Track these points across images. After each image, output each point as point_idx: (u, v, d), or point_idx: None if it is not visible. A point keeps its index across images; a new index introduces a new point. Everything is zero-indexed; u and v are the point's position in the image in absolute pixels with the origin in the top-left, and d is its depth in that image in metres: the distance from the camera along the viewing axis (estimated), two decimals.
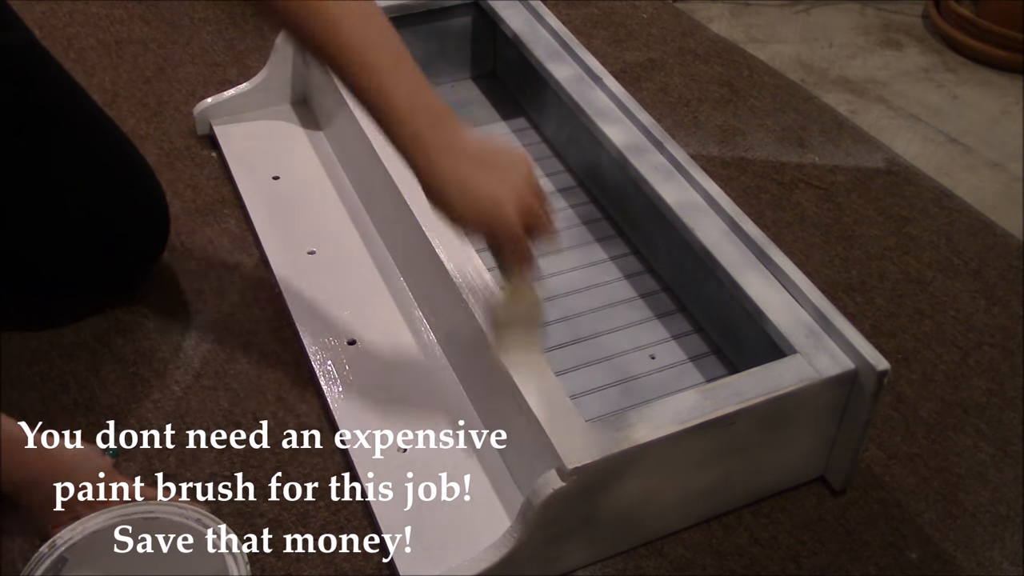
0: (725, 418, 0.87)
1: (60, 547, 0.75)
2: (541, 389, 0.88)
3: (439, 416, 1.01)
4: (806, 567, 0.93)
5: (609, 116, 1.17)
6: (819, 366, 0.91)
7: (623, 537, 0.93)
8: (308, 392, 1.04)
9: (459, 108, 1.41)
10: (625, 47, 1.61)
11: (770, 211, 1.31)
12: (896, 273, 1.24)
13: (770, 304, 0.97)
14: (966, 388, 1.10)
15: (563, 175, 1.30)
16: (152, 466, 0.97)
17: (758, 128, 1.46)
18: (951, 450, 1.04)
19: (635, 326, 1.11)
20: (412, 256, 1.10)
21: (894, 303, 1.20)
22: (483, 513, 0.93)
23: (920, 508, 0.99)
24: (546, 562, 0.89)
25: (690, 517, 0.95)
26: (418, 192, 0.83)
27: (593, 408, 1.02)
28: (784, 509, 0.98)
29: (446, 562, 0.88)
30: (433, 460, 0.97)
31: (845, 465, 0.97)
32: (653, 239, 1.16)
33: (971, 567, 0.94)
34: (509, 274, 0.87)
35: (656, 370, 1.07)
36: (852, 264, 1.25)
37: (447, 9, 1.37)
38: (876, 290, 1.21)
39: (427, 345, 1.08)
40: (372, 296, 1.13)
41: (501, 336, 0.91)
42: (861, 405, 0.92)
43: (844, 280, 1.22)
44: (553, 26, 1.29)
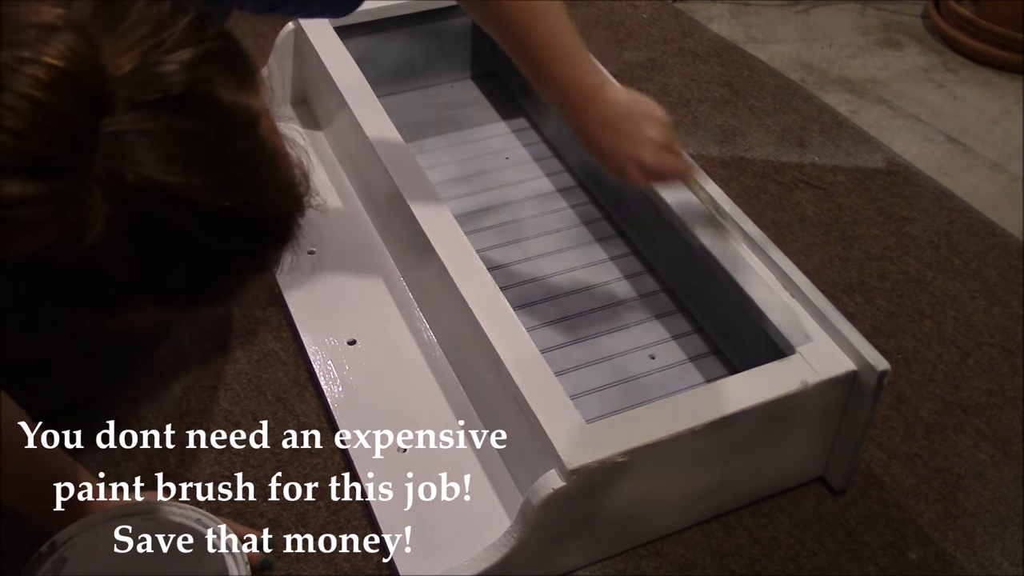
0: (725, 418, 0.87)
1: (60, 547, 0.75)
2: (541, 389, 0.88)
3: (439, 416, 1.01)
4: (806, 567, 0.93)
5: None
6: (819, 366, 0.91)
7: (623, 537, 0.93)
8: (308, 392, 1.04)
9: (459, 108, 1.41)
10: (625, 47, 1.61)
11: (770, 211, 1.31)
12: (896, 273, 1.24)
13: (770, 304, 0.97)
14: (966, 388, 1.10)
15: (563, 175, 1.30)
16: (152, 466, 0.97)
17: (758, 128, 1.46)
18: (951, 450, 1.04)
19: (635, 326, 1.11)
20: (412, 256, 1.10)
21: (894, 303, 1.20)
22: (483, 513, 0.93)
23: (920, 508, 0.99)
24: (546, 562, 0.89)
25: (690, 517, 0.95)
26: (418, 192, 0.83)
27: (593, 408, 1.02)
28: (784, 509, 0.98)
29: (446, 562, 0.88)
30: (433, 460, 0.97)
31: (845, 465, 0.97)
32: (653, 239, 1.16)
33: (971, 567, 0.94)
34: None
35: (656, 370, 1.07)
36: (852, 264, 1.25)
37: (447, 9, 1.37)
38: (876, 290, 1.21)
39: (427, 345, 1.08)
40: (372, 296, 1.13)
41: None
42: (861, 405, 0.92)
43: (844, 280, 1.22)
44: None
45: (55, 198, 0.48)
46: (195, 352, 1.08)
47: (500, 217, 1.24)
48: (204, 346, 1.08)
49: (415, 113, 1.39)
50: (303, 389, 1.05)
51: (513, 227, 1.23)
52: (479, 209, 1.25)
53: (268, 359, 1.08)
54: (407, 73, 1.42)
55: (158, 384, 1.04)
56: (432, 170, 1.28)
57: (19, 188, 0.47)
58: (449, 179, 1.29)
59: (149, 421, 1.01)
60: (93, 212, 0.49)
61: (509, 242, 1.21)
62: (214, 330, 1.10)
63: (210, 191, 0.52)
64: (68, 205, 0.48)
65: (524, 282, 1.16)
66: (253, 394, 1.04)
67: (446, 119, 1.39)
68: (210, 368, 1.06)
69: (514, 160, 1.33)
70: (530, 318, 1.10)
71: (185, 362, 1.07)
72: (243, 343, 1.09)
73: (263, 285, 1.15)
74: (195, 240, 0.53)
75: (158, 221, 0.51)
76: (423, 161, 1.23)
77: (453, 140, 1.36)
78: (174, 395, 1.03)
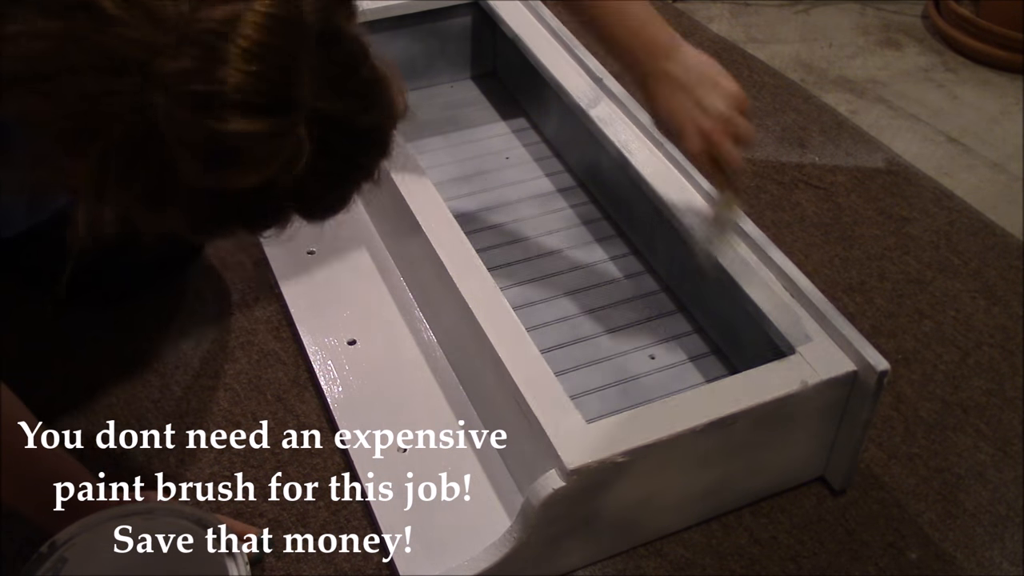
0: (725, 418, 0.87)
1: (60, 547, 0.75)
2: (541, 389, 0.88)
3: (439, 416, 1.01)
4: (806, 567, 0.93)
5: (609, 116, 1.17)
6: (819, 366, 0.91)
7: (623, 537, 0.93)
8: (308, 392, 1.04)
9: (459, 108, 1.41)
10: None
11: (770, 211, 1.31)
12: (896, 273, 1.24)
13: (770, 304, 0.97)
14: (966, 388, 1.10)
15: (563, 175, 1.30)
16: (152, 466, 0.97)
17: (758, 128, 1.45)
18: (951, 450, 1.04)
19: (635, 326, 1.11)
20: (412, 256, 1.10)
21: (894, 303, 1.20)
22: (483, 513, 0.93)
23: (920, 508, 0.99)
24: (546, 562, 0.89)
25: (690, 517, 0.95)
26: (417, 191, 0.83)
27: (593, 408, 1.02)
28: (784, 509, 0.98)
29: (446, 562, 0.88)
30: (433, 460, 0.97)
31: (845, 465, 0.97)
32: (653, 239, 1.16)
33: (971, 567, 0.94)
34: (718, 183, 0.95)
35: (656, 370, 1.07)
36: (852, 264, 1.25)
37: (447, 9, 1.37)
38: (876, 290, 1.21)
39: (427, 345, 1.08)
40: (372, 296, 1.13)
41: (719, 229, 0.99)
42: (861, 405, 0.92)
43: (844, 280, 1.22)
44: (553, 26, 1.29)
45: (280, 132, 0.56)
46: (195, 352, 1.08)
47: (500, 217, 1.24)
48: (204, 346, 1.08)
49: (415, 113, 1.39)
50: (303, 389, 1.05)
51: (513, 227, 1.23)
52: (479, 209, 1.25)
53: (268, 359, 1.08)
54: (407, 73, 1.41)
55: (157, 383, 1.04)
56: (432, 170, 1.28)
57: (255, 124, 0.55)
58: (449, 179, 1.29)
59: (149, 421, 1.01)
60: (303, 143, 0.57)
61: (509, 242, 1.21)
62: (214, 330, 1.10)
63: (359, 113, 0.61)
64: (288, 137, 0.57)
65: (524, 282, 1.16)
66: (253, 394, 1.04)
67: (446, 119, 1.39)
68: (210, 368, 1.06)
69: (514, 160, 1.33)
70: (530, 318, 1.10)
71: (185, 362, 1.07)
72: (243, 343, 1.09)
73: (263, 284, 1.15)
74: (342, 156, 0.62)
75: (330, 146, 0.60)
76: (423, 161, 1.23)
77: (453, 140, 1.36)
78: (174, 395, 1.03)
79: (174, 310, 1.12)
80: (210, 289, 1.14)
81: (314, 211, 0.66)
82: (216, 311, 1.12)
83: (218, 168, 0.56)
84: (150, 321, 1.10)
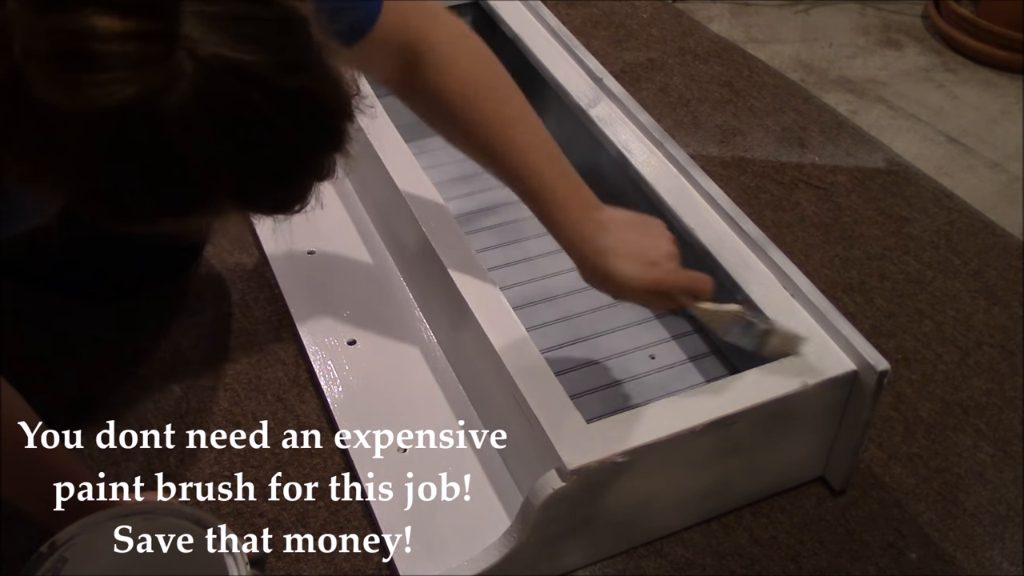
0: (725, 418, 0.87)
1: (60, 547, 0.75)
2: (541, 389, 0.88)
3: (439, 416, 1.01)
4: (806, 567, 0.93)
5: (609, 116, 1.17)
6: (819, 366, 0.91)
7: (623, 537, 0.93)
8: (308, 392, 1.04)
9: None
10: (625, 47, 1.61)
11: (770, 211, 1.31)
12: (896, 273, 1.24)
13: (770, 304, 0.97)
14: (966, 388, 1.10)
15: None
16: (152, 466, 0.97)
17: (758, 128, 1.46)
18: (951, 450, 1.04)
19: (635, 326, 1.11)
20: (412, 256, 1.10)
21: (894, 303, 1.20)
22: (483, 513, 0.93)
23: (920, 508, 0.99)
24: (546, 562, 0.89)
25: (690, 517, 0.95)
26: (418, 192, 0.83)
27: (593, 408, 1.02)
28: (784, 509, 0.98)
29: (446, 562, 0.88)
30: (433, 460, 0.97)
31: (845, 465, 0.97)
32: None
33: (971, 567, 0.94)
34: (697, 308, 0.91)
35: (656, 370, 1.07)
36: (852, 264, 1.25)
37: None
38: (876, 290, 1.21)
39: (427, 345, 1.08)
40: (372, 296, 1.13)
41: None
42: (861, 405, 0.92)
43: (844, 280, 1.22)
44: (553, 26, 1.29)
45: (145, 39, 0.49)
46: (195, 352, 1.08)
47: (500, 217, 1.24)
48: (204, 346, 1.08)
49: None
50: (303, 389, 1.05)
51: (513, 227, 1.23)
52: (479, 209, 1.25)
53: (268, 359, 1.08)
54: None
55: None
56: (432, 170, 1.27)
57: (116, 23, 0.48)
58: (449, 179, 1.29)
59: (149, 421, 1.01)
60: (177, 73, 0.50)
61: (509, 242, 1.21)
62: (214, 330, 1.10)
63: (277, 70, 0.53)
64: (156, 53, 0.50)
65: (524, 282, 1.16)
66: (253, 394, 1.04)
67: None
68: (210, 368, 1.06)
69: None
70: (530, 318, 1.10)
71: (185, 362, 1.07)
72: (243, 343, 1.09)
73: (263, 284, 1.15)
74: (265, 122, 0.54)
75: (230, 100, 0.52)
76: (423, 161, 1.22)
77: None
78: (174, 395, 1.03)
79: (174, 310, 1.12)
80: (210, 289, 1.14)
81: (253, 199, 0.59)
82: (216, 311, 1.12)
83: (69, 72, 0.49)
84: (150, 321, 1.10)
